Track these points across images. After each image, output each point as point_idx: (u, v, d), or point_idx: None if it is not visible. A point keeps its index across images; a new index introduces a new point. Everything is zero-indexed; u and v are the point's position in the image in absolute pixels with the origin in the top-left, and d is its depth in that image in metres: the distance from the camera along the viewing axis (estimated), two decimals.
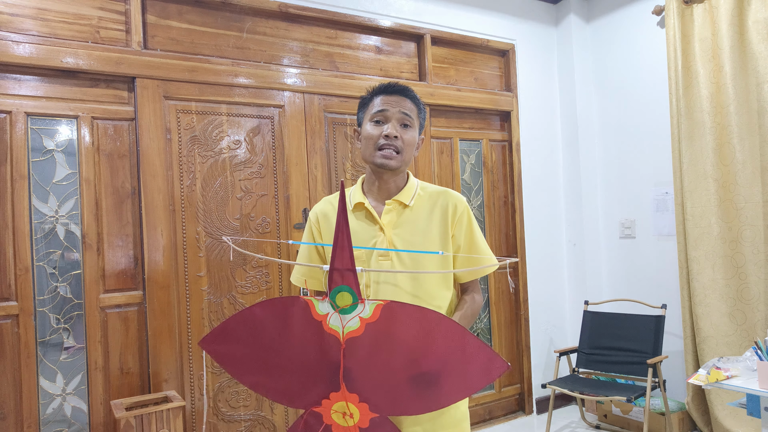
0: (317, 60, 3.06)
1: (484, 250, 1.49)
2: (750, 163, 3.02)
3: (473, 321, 1.49)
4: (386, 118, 1.42)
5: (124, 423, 2.15)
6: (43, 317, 2.35)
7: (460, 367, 1.06)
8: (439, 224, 1.44)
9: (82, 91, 2.47)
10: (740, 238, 3.07)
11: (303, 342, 1.15)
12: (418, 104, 1.47)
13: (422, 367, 1.09)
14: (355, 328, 1.10)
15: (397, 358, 1.09)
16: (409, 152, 1.44)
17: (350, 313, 1.10)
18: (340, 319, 1.11)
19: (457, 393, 1.09)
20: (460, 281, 1.52)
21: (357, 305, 1.10)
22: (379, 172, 1.44)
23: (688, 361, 3.23)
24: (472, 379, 1.07)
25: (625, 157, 3.79)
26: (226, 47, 2.80)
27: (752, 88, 3.02)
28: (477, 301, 1.50)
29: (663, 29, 3.50)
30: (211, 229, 2.70)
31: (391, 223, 1.43)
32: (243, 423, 2.74)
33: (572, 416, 3.72)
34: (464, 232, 1.46)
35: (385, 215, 1.44)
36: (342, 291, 1.11)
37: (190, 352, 2.62)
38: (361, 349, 1.10)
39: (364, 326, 1.09)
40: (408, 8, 3.36)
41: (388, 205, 1.44)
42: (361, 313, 1.09)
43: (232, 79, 2.76)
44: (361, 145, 1.47)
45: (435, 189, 1.50)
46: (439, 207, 1.46)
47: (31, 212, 2.34)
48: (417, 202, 1.46)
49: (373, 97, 1.46)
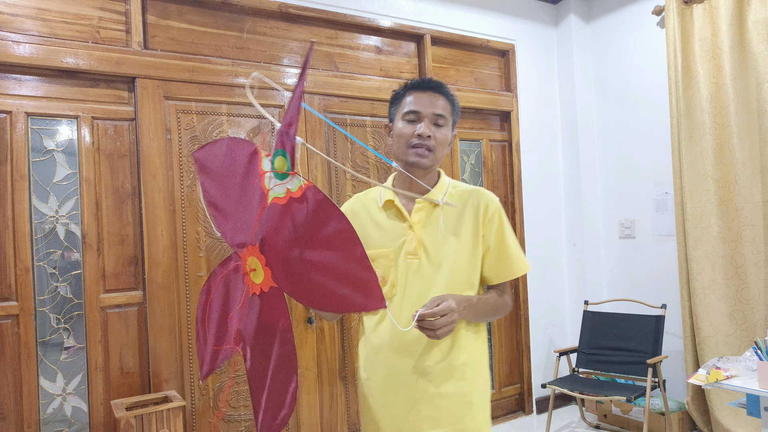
0: (317, 60, 3.06)
1: (515, 252, 1.46)
2: (750, 163, 3.03)
3: (493, 314, 1.45)
4: (419, 117, 1.39)
5: (124, 423, 2.15)
6: (44, 317, 2.35)
7: (345, 283, 1.03)
8: (470, 223, 1.42)
9: (82, 91, 2.47)
10: (740, 238, 3.07)
11: (244, 187, 1.16)
12: (452, 101, 1.44)
13: (315, 263, 1.05)
14: (281, 196, 1.07)
15: (300, 243, 1.06)
16: (442, 150, 1.42)
17: (282, 180, 1.07)
18: (270, 180, 1.09)
19: (329, 303, 1.07)
20: (488, 283, 1.48)
21: (287, 175, 1.06)
22: (410, 170, 1.41)
23: (688, 361, 3.23)
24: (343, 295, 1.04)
25: (625, 157, 3.79)
26: (226, 47, 2.80)
27: (752, 88, 3.02)
28: (505, 300, 1.47)
29: (663, 29, 3.51)
30: (211, 229, 2.70)
31: (421, 222, 1.41)
32: (243, 423, 2.74)
33: (572, 416, 3.72)
34: (495, 233, 1.43)
35: (415, 213, 1.41)
36: (281, 155, 1.07)
37: (191, 352, 2.62)
38: (277, 218, 1.08)
39: (288, 198, 1.06)
40: (408, 8, 3.36)
41: (419, 203, 1.42)
42: (288, 184, 1.06)
43: (232, 79, 2.76)
44: (392, 141, 1.45)
45: (467, 188, 1.48)
46: (471, 206, 1.43)
47: (32, 212, 2.34)
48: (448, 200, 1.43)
49: (406, 94, 1.43)
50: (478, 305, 1.39)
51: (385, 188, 1.48)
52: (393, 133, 1.44)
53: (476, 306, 1.38)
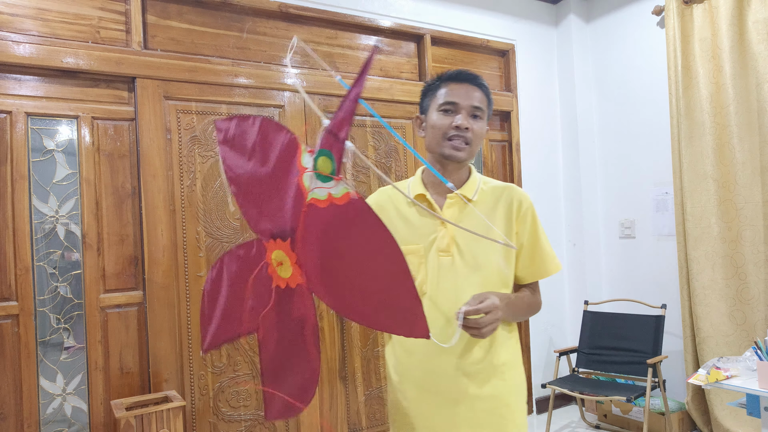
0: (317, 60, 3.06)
1: (548, 251, 1.42)
2: (750, 163, 3.03)
3: (527, 313, 1.41)
4: (457, 108, 1.35)
5: (124, 423, 2.15)
6: (43, 317, 2.35)
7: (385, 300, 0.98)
8: (502, 220, 1.38)
9: (82, 91, 2.47)
10: (740, 238, 3.07)
11: (278, 177, 1.07)
12: (488, 94, 1.40)
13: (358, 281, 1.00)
14: (321, 199, 0.99)
15: (340, 251, 1.00)
16: (477, 144, 1.37)
17: (324, 182, 0.99)
18: (312, 181, 1.01)
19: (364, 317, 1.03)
20: (521, 282, 1.44)
21: (331, 180, 0.98)
22: (444, 163, 1.37)
23: (688, 361, 3.23)
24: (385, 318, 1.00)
25: (625, 157, 3.79)
26: (226, 47, 2.80)
27: (752, 88, 3.02)
28: (537, 299, 1.44)
29: (663, 29, 3.51)
30: (212, 229, 2.70)
31: (453, 217, 1.37)
32: (243, 423, 2.74)
33: (572, 416, 3.72)
34: (528, 230, 1.40)
35: (447, 209, 1.38)
36: (326, 156, 0.98)
37: (190, 352, 2.62)
38: (315, 221, 1.01)
39: (329, 203, 0.98)
40: (408, 8, 3.36)
41: (450, 198, 1.38)
42: (332, 189, 0.98)
43: (232, 79, 2.76)
44: (425, 134, 1.40)
45: (498, 184, 1.44)
46: (503, 202, 1.39)
47: (31, 212, 2.34)
48: (480, 197, 1.39)
49: (441, 85, 1.38)
50: (515, 303, 1.36)
51: (414, 182, 1.44)
52: (426, 125, 1.39)
53: (514, 304, 1.35)
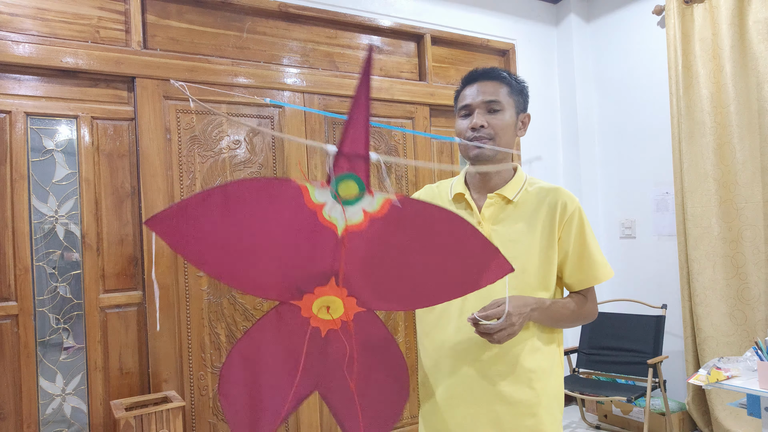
0: (317, 60, 3.06)
1: (598, 258, 1.35)
2: (750, 163, 3.02)
3: (572, 320, 1.36)
4: (470, 109, 1.35)
5: (123, 423, 2.14)
6: (43, 317, 2.35)
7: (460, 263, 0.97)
8: (544, 224, 1.33)
9: (82, 91, 2.47)
10: (740, 238, 3.06)
11: (289, 230, 0.97)
12: (507, 82, 1.38)
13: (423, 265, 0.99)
14: (358, 222, 0.94)
15: (399, 255, 0.98)
16: (505, 136, 1.34)
17: (353, 205, 0.94)
18: (342, 210, 0.94)
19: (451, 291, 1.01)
20: (571, 290, 1.39)
21: (363, 197, 0.93)
22: (476, 164, 1.36)
23: (689, 362, 3.23)
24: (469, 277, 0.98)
25: (625, 157, 3.79)
26: (226, 47, 2.80)
27: (752, 88, 3.02)
28: (588, 307, 1.38)
29: (663, 29, 3.50)
30: None
31: (492, 218, 1.34)
32: None
33: (572, 416, 3.72)
34: (574, 236, 1.33)
35: (485, 209, 1.35)
36: (347, 180, 0.92)
37: (190, 352, 2.62)
38: (360, 244, 0.97)
39: (368, 221, 0.94)
40: (408, 8, 3.36)
41: (490, 198, 1.35)
42: (366, 206, 0.94)
43: (232, 79, 2.75)
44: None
45: (545, 185, 1.38)
46: (547, 205, 1.34)
47: (31, 212, 2.34)
48: (522, 198, 1.35)
49: (461, 90, 1.40)
50: (552, 309, 1.30)
51: (456, 181, 1.43)
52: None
53: (549, 309, 1.30)
